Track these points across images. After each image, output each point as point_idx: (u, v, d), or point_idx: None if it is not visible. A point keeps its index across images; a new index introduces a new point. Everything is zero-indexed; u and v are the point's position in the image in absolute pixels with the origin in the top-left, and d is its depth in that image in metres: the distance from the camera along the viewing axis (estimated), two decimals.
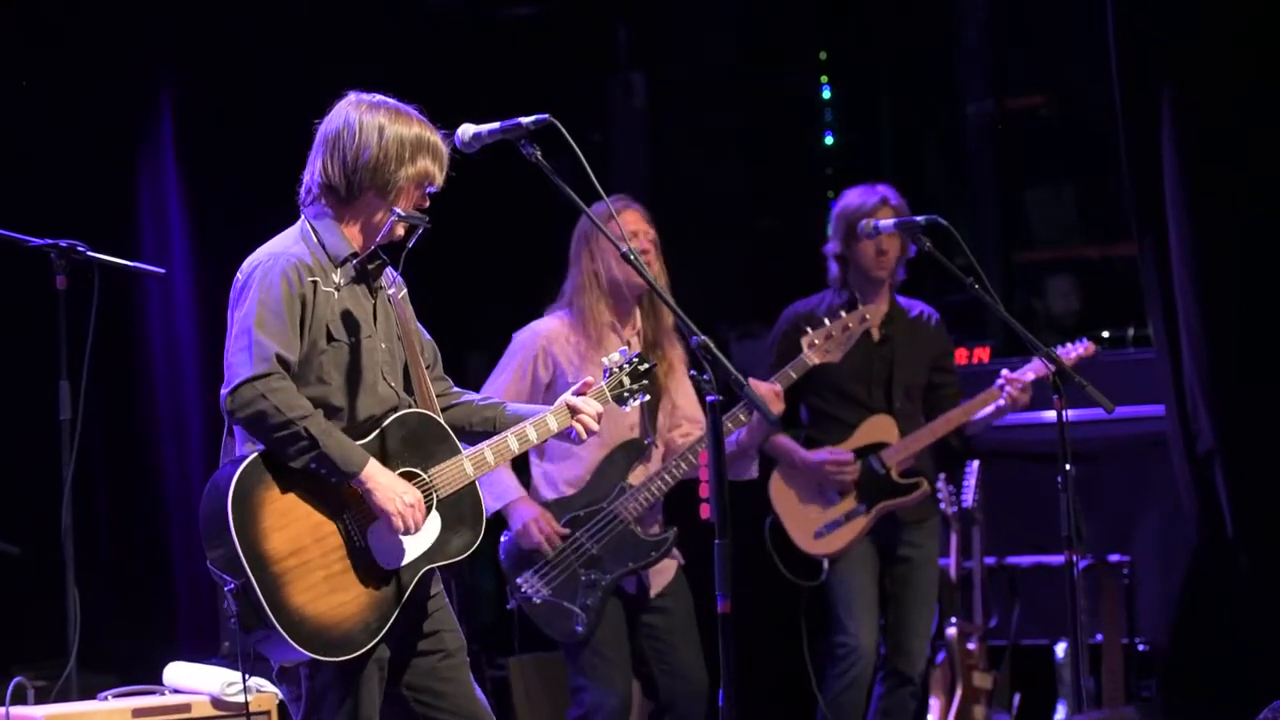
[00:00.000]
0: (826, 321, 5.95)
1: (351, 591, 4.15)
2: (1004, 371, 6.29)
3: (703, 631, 5.91)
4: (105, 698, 5.06)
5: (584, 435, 4.46)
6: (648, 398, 4.66)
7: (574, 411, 4.45)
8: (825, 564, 6.38)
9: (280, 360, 4.12)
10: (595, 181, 4.07)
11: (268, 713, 5.04)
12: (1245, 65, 6.33)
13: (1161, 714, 7.04)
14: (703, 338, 3.95)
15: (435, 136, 4.31)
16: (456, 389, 4.57)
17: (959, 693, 6.84)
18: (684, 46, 8.91)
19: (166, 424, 7.07)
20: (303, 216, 4.35)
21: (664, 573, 5.90)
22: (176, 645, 6.34)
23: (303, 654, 4.09)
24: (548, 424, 4.43)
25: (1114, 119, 6.58)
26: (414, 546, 4.25)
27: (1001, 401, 6.27)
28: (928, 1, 8.96)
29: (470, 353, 7.73)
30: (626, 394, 4.57)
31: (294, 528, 4.12)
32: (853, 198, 6.43)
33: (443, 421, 4.37)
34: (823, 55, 8.98)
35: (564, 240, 6.03)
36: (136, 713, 4.98)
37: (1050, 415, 5.01)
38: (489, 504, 5.78)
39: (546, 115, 4.09)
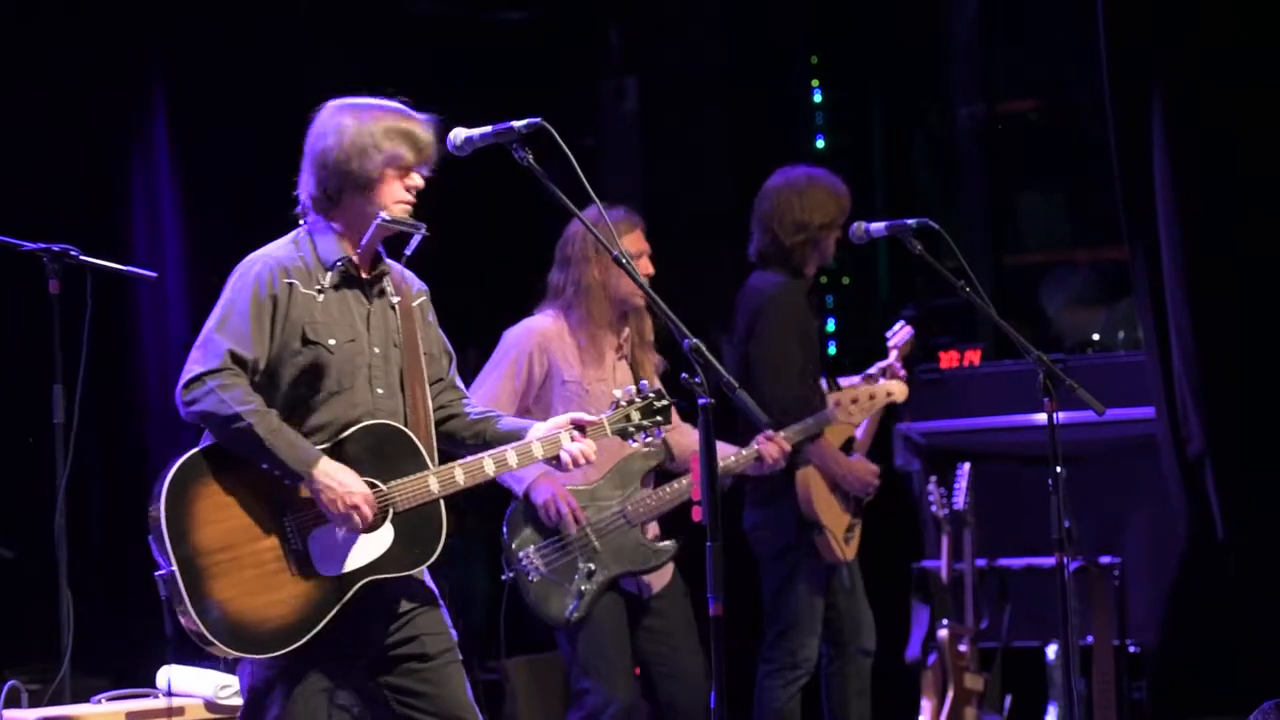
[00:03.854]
0: (858, 381, 6.03)
1: (282, 592, 4.16)
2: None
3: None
4: (99, 701, 5.07)
5: (570, 467, 4.42)
6: (663, 435, 4.60)
7: (572, 438, 4.40)
8: (844, 570, 6.36)
9: (234, 357, 4.16)
10: (587, 186, 4.09)
11: None
12: (1236, 69, 6.35)
13: (1152, 715, 7.06)
14: (694, 341, 3.96)
15: (408, 122, 4.31)
16: (466, 402, 4.55)
17: (950, 694, 6.85)
18: (675, 51, 8.92)
19: (159, 427, 7.08)
20: (302, 225, 4.38)
21: (663, 573, 5.91)
22: (170, 648, 6.34)
23: (220, 647, 4.12)
24: (532, 452, 4.39)
25: (1105, 122, 6.59)
26: (358, 555, 4.23)
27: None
28: (918, 5, 8.98)
29: (462, 354, 7.73)
30: (633, 429, 4.49)
31: (229, 523, 4.14)
32: (823, 182, 6.42)
33: (413, 436, 4.32)
34: (814, 59, 9.00)
35: (552, 239, 6.02)
36: (130, 716, 5.00)
37: (1041, 418, 5.02)
38: (512, 487, 5.78)
39: (538, 119, 4.09)
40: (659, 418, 4.52)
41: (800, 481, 6.24)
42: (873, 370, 6.39)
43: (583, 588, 5.70)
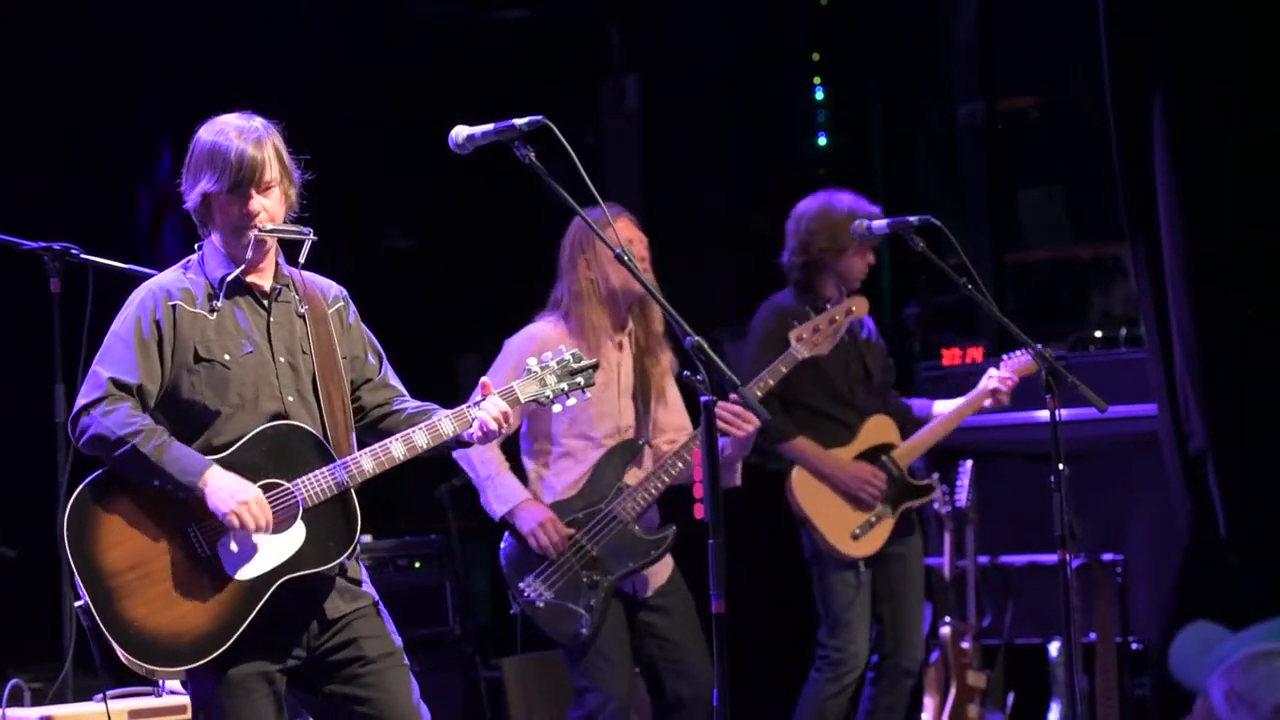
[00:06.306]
0: (812, 315, 5.95)
1: (196, 602, 4.15)
2: (992, 371, 6.32)
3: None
4: (101, 699, 5.07)
5: (479, 434, 4.35)
6: (587, 396, 4.54)
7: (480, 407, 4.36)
8: (861, 565, 6.35)
9: (117, 384, 4.18)
10: (590, 184, 4.08)
11: None
12: (1237, 65, 6.35)
13: (1155, 713, 7.06)
14: (696, 339, 3.94)
15: (224, 139, 4.28)
16: (402, 399, 4.50)
17: (953, 692, 6.85)
18: (676, 49, 8.92)
19: None
20: (197, 247, 4.40)
21: (659, 572, 5.91)
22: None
23: (140, 664, 4.13)
24: (440, 428, 4.33)
25: (1105, 119, 6.59)
26: (270, 556, 4.20)
27: (988, 403, 6.32)
28: (918, 4, 8.99)
29: (464, 357, 7.73)
30: (550, 393, 4.45)
31: (132, 544, 4.15)
32: (843, 201, 6.40)
33: (314, 431, 4.28)
34: (815, 58, 9.01)
35: (556, 243, 6.02)
36: (133, 714, 5.00)
37: (1043, 415, 5.02)
38: (494, 508, 5.79)
39: (540, 117, 4.07)
40: (579, 379, 4.48)
41: (789, 478, 6.27)
42: (989, 383, 6.33)
43: (591, 602, 5.71)
